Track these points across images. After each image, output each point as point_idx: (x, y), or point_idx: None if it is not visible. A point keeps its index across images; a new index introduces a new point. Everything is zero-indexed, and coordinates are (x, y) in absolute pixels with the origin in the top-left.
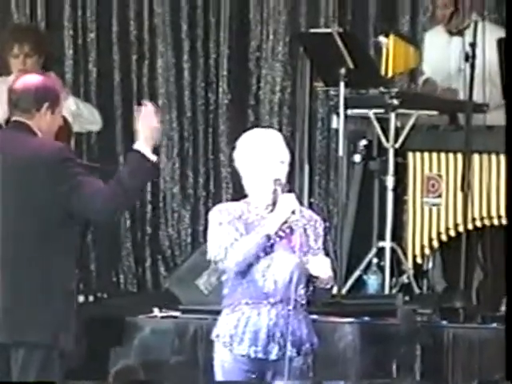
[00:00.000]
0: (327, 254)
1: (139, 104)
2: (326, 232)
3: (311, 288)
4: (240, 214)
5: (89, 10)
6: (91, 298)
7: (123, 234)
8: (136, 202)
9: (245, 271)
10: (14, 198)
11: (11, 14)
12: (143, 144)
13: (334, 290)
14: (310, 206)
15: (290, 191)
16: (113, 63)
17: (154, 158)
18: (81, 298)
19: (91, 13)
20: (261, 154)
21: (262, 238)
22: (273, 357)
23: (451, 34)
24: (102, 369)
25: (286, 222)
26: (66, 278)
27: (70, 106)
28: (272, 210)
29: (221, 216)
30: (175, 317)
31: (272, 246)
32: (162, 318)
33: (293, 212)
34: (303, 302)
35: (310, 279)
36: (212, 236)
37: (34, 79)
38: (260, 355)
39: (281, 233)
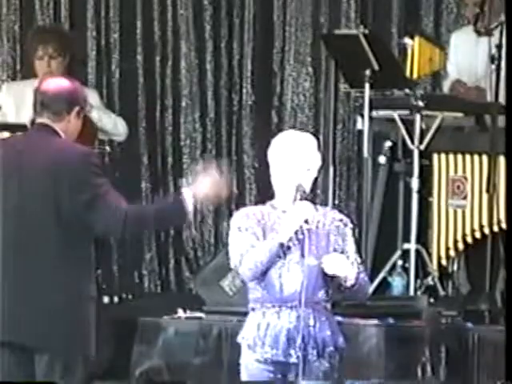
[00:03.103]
0: (360, 255)
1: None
2: (354, 232)
3: (338, 289)
4: (259, 219)
5: (112, 11)
6: (116, 299)
7: (147, 235)
8: (142, 233)
9: (262, 276)
10: (36, 201)
11: (35, 15)
12: (191, 194)
13: None
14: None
15: (312, 200)
16: (136, 64)
17: (191, 209)
18: (105, 299)
19: (114, 13)
20: (288, 159)
21: (274, 245)
22: (293, 360)
23: (479, 34)
24: (126, 370)
25: (300, 229)
26: (85, 284)
27: (93, 119)
28: None
29: (240, 221)
30: (199, 318)
31: (289, 248)
32: (187, 318)
33: (306, 221)
34: (326, 304)
35: (329, 279)
36: (231, 242)
37: (65, 82)
38: (281, 358)
39: (300, 235)
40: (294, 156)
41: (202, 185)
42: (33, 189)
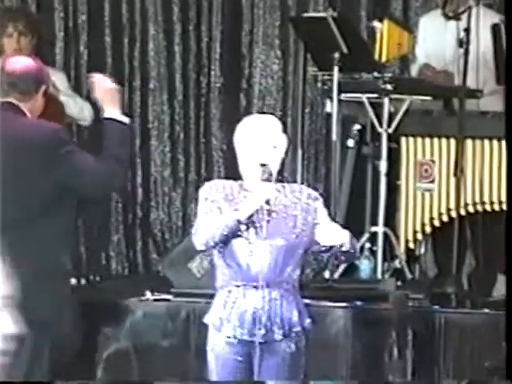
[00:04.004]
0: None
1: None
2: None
3: (336, 258)
4: (228, 193)
5: None
6: (83, 281)
7: (114, 217)
8: (127, 168)
9: (213, 249)
10: (8, 180)
11: None
12: (110, 110)
13: (327, 275)
14: None
15: (281, 180)
16: (104, 46)
17: (126, 119)
18: (73, 281)
19: None
20: (252, 138)
21: (231, 221)
22: (259, 339)
23: (447, 18)
24: (93, 352)
25: (265, 210)
26: (59, 262)
27: None
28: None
29: (208, 192)
30: (167, 300)
31: (256, 228)
32: (155, 300)
33: (267, 202)
34: (294, 284)
35: (299, 259)
36: (198, 211)
37: (31, 61)
38: (246, 337)
39: (266, 217)
40: (258, 135)
41: (101, 95)
42: (4, 170)
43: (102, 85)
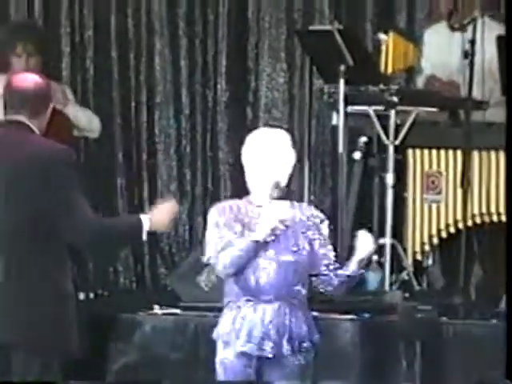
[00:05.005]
0: (335, 250)
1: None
2: (330, 229)
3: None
4: (237, 213)
5: (86, 7)
6: (92, 296)
7: None
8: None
9: (239, 273)
10: (12, 199)
11: (8, 10)
12: (148, 222)
13: None
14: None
15: (289, 197)
16: (110, 61)
17: (145, 238)
18: (81, 296)
19: (89, 10)
20: (262, 154)
21: (249, 244)
22: (268, 354)
23: (453, 29)
24: (102, 367)
25: (275, 229)
26: (61, 280)
27: (69, 114)
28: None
29: (218, 216)
30: (176, 314)
31: (266, 244)
32: (163, 314)
33: (281, 221)
34: (303, 299)
35: (307, 275)
36: (208, 237)
37: (40, 79)
38: (255, 352)
39: (277, 232)
40: (269, 152)
41: (158, 211)
42: (11, 187)
43: (170, 211)
